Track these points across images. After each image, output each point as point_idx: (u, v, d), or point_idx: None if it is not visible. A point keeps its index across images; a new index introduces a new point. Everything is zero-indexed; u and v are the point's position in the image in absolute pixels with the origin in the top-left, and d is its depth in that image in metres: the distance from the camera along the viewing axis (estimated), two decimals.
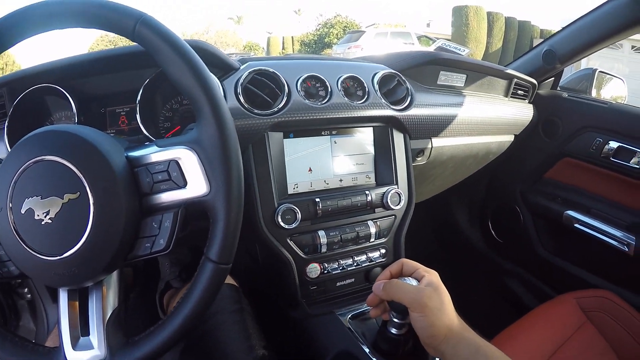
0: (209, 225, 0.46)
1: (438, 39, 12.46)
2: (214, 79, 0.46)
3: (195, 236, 0.63)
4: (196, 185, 0.45)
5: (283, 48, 24.63)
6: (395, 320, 0.61)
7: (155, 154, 0.46)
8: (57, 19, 0.44)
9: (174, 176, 0.45)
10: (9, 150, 0.72)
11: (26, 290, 1.20)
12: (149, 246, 0.46)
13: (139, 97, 0.74)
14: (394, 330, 0.62)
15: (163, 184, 0.45)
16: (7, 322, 1.18)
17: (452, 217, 1.44)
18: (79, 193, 0.42)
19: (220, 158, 0.44)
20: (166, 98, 0.80)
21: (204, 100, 0.44)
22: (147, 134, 0.73)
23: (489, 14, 13.34)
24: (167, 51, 0.44)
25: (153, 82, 0.74)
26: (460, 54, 1.18)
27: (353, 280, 0.83)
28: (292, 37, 24.96)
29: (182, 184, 0.45)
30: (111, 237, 0.42)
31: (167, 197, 0.45)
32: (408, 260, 0.58)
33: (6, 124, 0.72)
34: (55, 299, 1.12)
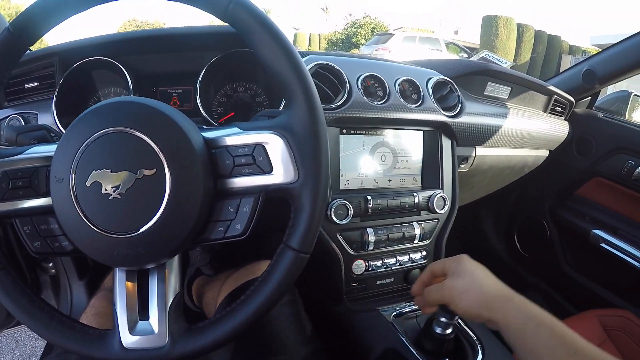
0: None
1: (467, 47, 12.42)
2: (306, 66, 0.45)
3: None
4: (283, 172, 0.43)
5: (309, 45, 24.53)
6: (443, 319, 0.62)
7: (238, 137, 0.44)
8: None
9: (259, 161, 0.43)
10: (57, 121, 0.72)
11: (51, 265, 1.19)
12: (222, 230, 0.44)
13: (200, 79, 0.74)
14: (438, 330, 0.63)
15: (245, 168, 0.43)
16: None
17: (480, 225, 1.45)
18: (155, 170, 0.39)
19: (311, 146, 0.43)
20: (221, 83, 0.81)
21: (298, 87, 0.43)
22: (207, 117, 0.74)
23: (519, 25, 13.16)
24: (261, 34, 0.42)
25: (213, 67, 0.75)
26: (502, 66, 1.19)
27: (392, 279, 0.84)
28: (319, 35, 24.80)
29: (268, 169, 0.43)
30: (185, 219, 0.40)
31: (248, 181, 0.43)
32: (434, 262, 0.59)
33: (55, 94, 0.72)
34: (82, 277, 1.13)
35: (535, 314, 0.45)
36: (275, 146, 0.43)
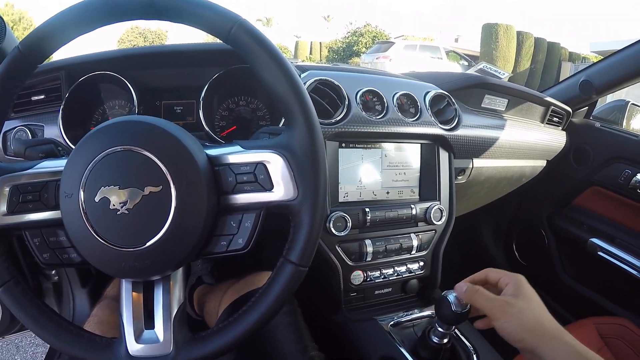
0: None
1: (467, 55, 12.39)
2: (305, 89, 0.47)
3: None
4: (283, 189, 0.45)
5: (310, 53, 24.52)
6: (440, 329, 0.63)
7: (240, 155, 0.46)
8: (153, 10, 0.43)
9: (260, 179, 0.45)
10: (63, 134, 0.74)
11: (54, 272, 1.20)
12: (225, 244, 0.46)
13: (203, 94, 0.76)
14: (435, 339, 0.65)
15: (247, 185, 0.45)
16: None
17: (478, 234, 1.47)
18: (161, 187, 0.41)
19: (310, 165, 0.44)
20: (223, 98, 0.83)
21: (297, 108, 0.44)
22: (209, 131, 0.76)
23: (518, 33, 13.17)
24: (262, 56, 0.44)
25: (215, 82, 0.77)
26: (500, 77, 1.21)
27: (390, 289, 0.86)
28: (320, 43, 24.87)
29: (269, 187, 0.45)
30: (190, 233, 0.42)
31: (250, 197, 0.45)
32: (492, 269, 0.56)
33: (61, 107, 0.74)
34: (84, 284, 1.14)
35: (587, 356, 0.44)
36: (276, 165, 0.45)
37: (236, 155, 0.46)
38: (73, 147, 0.73)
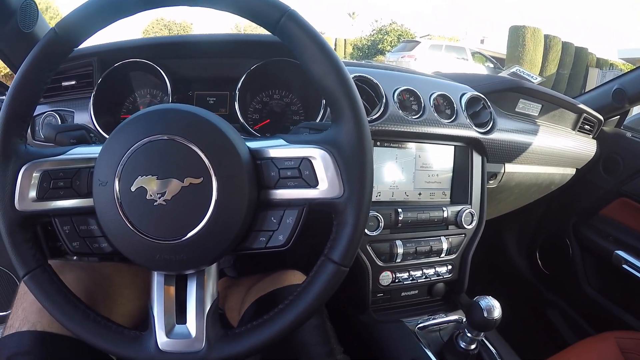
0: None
1: (493, 57, 12.15)
2: (354, 84, 0.45)
3: None
4: (328, 186, 0.43)
5: (335, 49, 24.22)
6: (468, 335, 0.62)
7: (284, 150, 0.44)
8: None
9: (305, 174, 0.43)
10: (94, 120, 0.74)
11: (75, 258, 1.20)
12: (264, 240, 0.44)
13: (239, 85, 0.75)
14: (463, 345, 0.64)
15: (290, 181, 0.44)
16: None
17: (502, 240, 1.45)
18: (202, 178, 0.40)
19: (358, 163, 0.42)
20: (257, 90, 0.82)
21: (346, 104, 0.43)
22: (245, 123, 0.75)
23: (546, 36, 12.83)
24: (312, 49, 0.42)
25: (251, 74, 0.76)
26: (532, 82, 1.19)
27: (417, 292, 0.85)
28: (345, 40, 24.51)
29: (314, 183, 0.43)
30: (229, 228, 0.41)
31: (292, 193, 0.43)
32: None
33: (93, 94, 0.74)
34: None
35: None
36: (322, 161, 0.43)
37: (280, 150, 0.45)
38: (104, 134, 0.73)
